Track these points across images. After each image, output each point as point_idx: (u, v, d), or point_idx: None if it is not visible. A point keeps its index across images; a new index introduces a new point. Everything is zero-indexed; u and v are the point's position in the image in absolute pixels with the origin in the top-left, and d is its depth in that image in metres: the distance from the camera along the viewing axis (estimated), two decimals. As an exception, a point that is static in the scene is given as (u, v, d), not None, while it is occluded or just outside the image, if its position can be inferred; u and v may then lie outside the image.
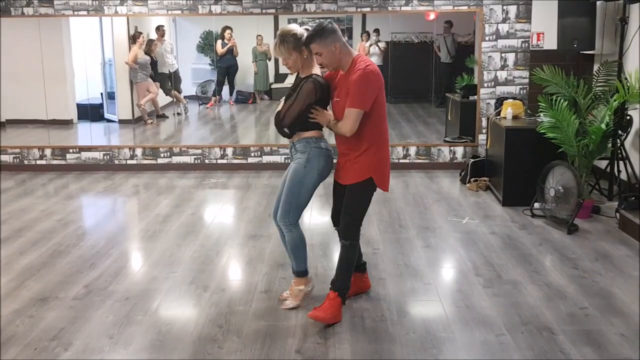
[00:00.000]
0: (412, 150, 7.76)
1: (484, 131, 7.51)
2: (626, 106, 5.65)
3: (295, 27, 3.66)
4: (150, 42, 8.58)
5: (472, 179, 6.86)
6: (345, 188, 3.78)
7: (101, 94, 8.96)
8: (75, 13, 7.76)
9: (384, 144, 3.74)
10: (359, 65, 3.54)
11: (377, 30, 8.60)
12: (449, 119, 8.37)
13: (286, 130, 3.76)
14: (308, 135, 3.77)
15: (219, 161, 8.00)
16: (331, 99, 3.75)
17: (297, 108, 3.68)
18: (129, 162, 8.03)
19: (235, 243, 5.15)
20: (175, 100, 9.27)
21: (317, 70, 3.75)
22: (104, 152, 8.05)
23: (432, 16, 7.98)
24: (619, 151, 5.79)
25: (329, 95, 3.74)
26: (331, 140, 3.88)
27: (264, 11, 7.69)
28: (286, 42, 3.63)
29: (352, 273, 3.83)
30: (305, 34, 3.60)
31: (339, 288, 3.74)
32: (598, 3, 6.34)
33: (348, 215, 3.75)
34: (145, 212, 6.15)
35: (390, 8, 7.57)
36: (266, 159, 7.97)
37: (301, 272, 3.94)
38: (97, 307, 3.93)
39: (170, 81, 9.06)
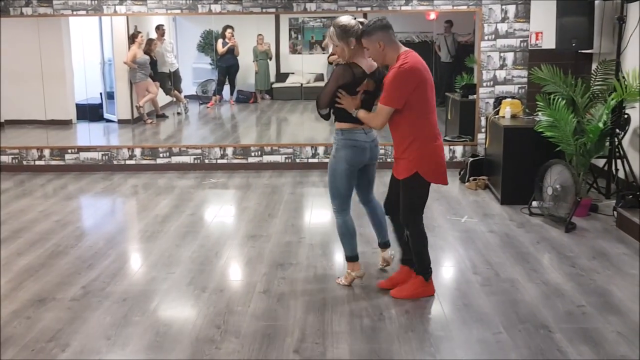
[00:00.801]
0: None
1: (483, 130, 7.52)
2: (624, 105, 5.66)
3: (346, 19, 3.84)
4: (150, 41, 8.58)
5: (471, 178, 6.87)
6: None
7: (100, 94, 8.96)
8: (75, 13, 7.76)
9: (430, 139, 3.82)
10: (397, 63, 3.69)
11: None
12: (449, 118, 8.38)
13: (321, 112, 4.03)
14: (340, 127, 4.02)
15: (219, 161, 8.00)
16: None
17: (328, 90, 3.92)
18: (127, 162, 8.04)
19: (234, 243, 5.16)
20: (175, 99, 9.28)
21: (365, 62, 3.91)
22: (103, 153, 8.06)
23: (432, 16, 7.98)
24: (617, 150, 5.79)
25: (358, 84, 3.89)
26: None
27: (264, 10, 7.70)
28: (335, 31, 3.84)
29: (426, 252, 4.03)
30: (355, 27, 3.80)
31: (420, 272, 4.02)
32: (596, 2, 6.34)
33: (404, 206, 3.94)
34: (144, 212, 6.16)
35: (390, 7, 7.58)
36: (267, 158, 7.98)
37: (348, 257, 4.21)
38: (94, 308, 3.94)
39: (170, 81, 9.07)
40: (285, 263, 4.66)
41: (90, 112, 8.77)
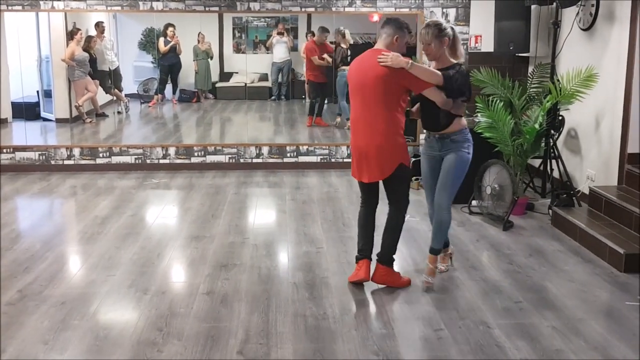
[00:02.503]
0: (355, 149, 7.82)
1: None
2: (558, 107, 5.85)
3: (442, 21, 4.15)
4: (89, 38, 8.38)
5: (413, 178, 6.96)
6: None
7: (37, 92, 8.70)
8: (10, 8, 7.51)
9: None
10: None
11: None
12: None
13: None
14: (457, 128, 4.17)
15: (161, 161, 7.89)
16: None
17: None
18: (66, 162, 7.83)
19: (177, 244, 5.09)
20: (115, 98, 9.09)
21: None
22: (40, 152, 7.83)
23: (375, 17, 8.07)
24: (552, 150, 5.99)
25: None
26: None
27: (207, 9, 7.63)
28: (430, 29, 4.02)
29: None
30: (448, 29, 4.05)
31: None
32: (532, 7, 6.55)
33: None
34: (83, 213, 6.01)
35: (334, 9, 7.62)
36: (210, 158, 7.91)
37: (443, 247, 4.35)
38: (31, 312, 3.83)
39: (110, 79, 8.88)
40: (229, 264, 4.64)
41: (26, 111, 8.49)
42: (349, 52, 8.34)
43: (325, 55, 8.43)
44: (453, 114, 4.06)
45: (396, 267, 4.65)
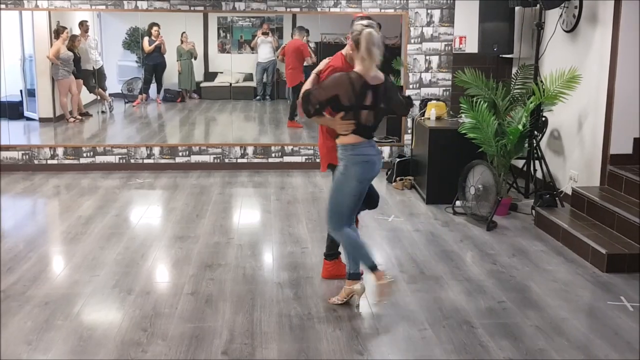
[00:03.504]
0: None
1: (409, 131, 7.68)
2: (542, 108, 5.90)
3: (361, 22, 3.65)
4: (73, 37, 8.31)
5: (397, 178, 7.01)
6: None
7: (20, 91, 8.62)
8: (-8, 7, 7.44)
9: None
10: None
11: (307, 31, 8.64)
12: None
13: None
14: (347, 141, 3.76)
15: (146, 161, 7.85)
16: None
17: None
18: (49, 162, 7.77)
19: (161, 245, 5.07)
20: (99, 98, 9.02)
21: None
22: (23, 152, 7.76)
23: (359, 18, 8.07)
24: (535, 151, 6.04)
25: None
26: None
27: (192, 8, 7.60)
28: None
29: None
30: (355, 32, 3.61)
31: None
32: (517, 9, 6.60)
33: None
34: (66, 213, 5.97)
35: (319, 9, 7.63)
36: (195, 158, 7.89)
37: (371, 268, 3.81)
38: (14, 312, 3.79)
39: (94, 78, 8.81)
40: (214, 264, 4.63)
41: (9, 110, 8.41)
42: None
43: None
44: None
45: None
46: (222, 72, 9.21)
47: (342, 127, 3.65)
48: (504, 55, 7.16)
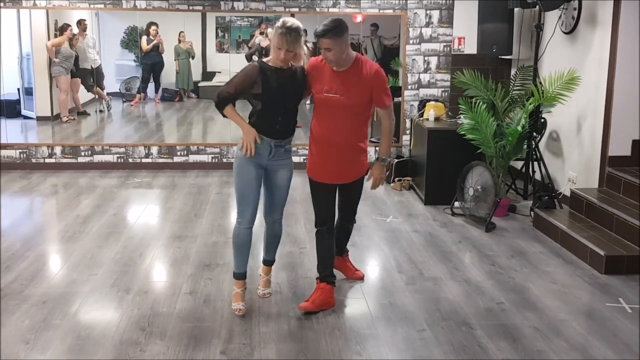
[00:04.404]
0: (339, 150, 7.83)
1: (407, 132, 7.68)
2: (541, 109, 5.90)
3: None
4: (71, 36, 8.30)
5: (396, 179, 7.00)
6: (340, 186, 3.95)
7: (18, 89, 8.59)
8: (-10, 5, 7.42)
9: None
10: (371, 63, 3.82)
11: (304, 31, 8.63)
12: (374, 119, 8.48)
13: None
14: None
15: (144, 160, 7.83)
16: (310, 91, 3.83)
17: None
18: (47, 160, 7.75)
19: (159, 244, 5.06)
20: (97, 97, 9.01)
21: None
22: (21, 150, 7.74)
23: (359, 19, 8.08)
24: (534, 152, 6.04)
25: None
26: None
27: (191, 8, 7.59)
28: (301, 35, 3.67)
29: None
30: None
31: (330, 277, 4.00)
32: (516, 10, 6.60)
33: (358, 201, 4.11)
34: (64, 212, 5.95)
35: (318, 9, 7.63)
36: (193, 158, 7.87)
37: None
38: (12, 311, 3.78)
39: (92, 77, 8.80)
40: (212, 263, 4.62)
41: (7, 108, 8.39)
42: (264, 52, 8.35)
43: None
44: None
45: (378, 267, 4.67)
46: (220, 72, 9.19)
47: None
48: (503, 57, 7.16)
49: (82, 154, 7.78)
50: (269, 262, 4.13)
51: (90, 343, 3.42)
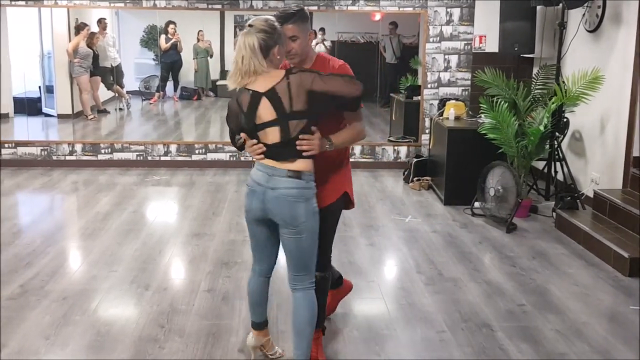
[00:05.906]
0: (357, 149, 7.82)
1: (427, 131, 7.63)
2: (563, 109, 5.83)
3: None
4: (91, 35, 8.36)
5: (415, 178, 6.95)
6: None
7: (39, 87, 8.68)
8: (13, 3, 7.48)
9: None
10: (336, 59, 3.07)
11: (322, 29, 8.62)
12: (393, 118, 8.47)
13: None
14: (305, 168, 2.91)
15: (163, 158, 7.86)
16: None
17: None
18: (68, 158, 7.81)
19: (178, 241, 5.07)
20: (117, 95, 9.07)
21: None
22: (42, 148, 7.80)
23: (377, 17, 8.05)
24: (556, 152, 5.97)
25: None
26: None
27: (209, 6, 7.60)
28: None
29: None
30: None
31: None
32: (538, 8, 6.52)
33: (330, 242, 3.22)
34: (84, 209, 5.99)
35: (337, 7, 7.60)
36: (211, 156, 7.89)
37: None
38: (32, 307, 3.80)
39: (112, 75, 8.86)
40: (230, 261, 4.62)
41: (28, 106, 8.48)
42: None
43: None
44: None
45: (397, 267, 4.64)
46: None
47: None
48: (524, 55, 7.08)
49: (102, 151, 7.83)
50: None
51: (109, 339, 3.42)
